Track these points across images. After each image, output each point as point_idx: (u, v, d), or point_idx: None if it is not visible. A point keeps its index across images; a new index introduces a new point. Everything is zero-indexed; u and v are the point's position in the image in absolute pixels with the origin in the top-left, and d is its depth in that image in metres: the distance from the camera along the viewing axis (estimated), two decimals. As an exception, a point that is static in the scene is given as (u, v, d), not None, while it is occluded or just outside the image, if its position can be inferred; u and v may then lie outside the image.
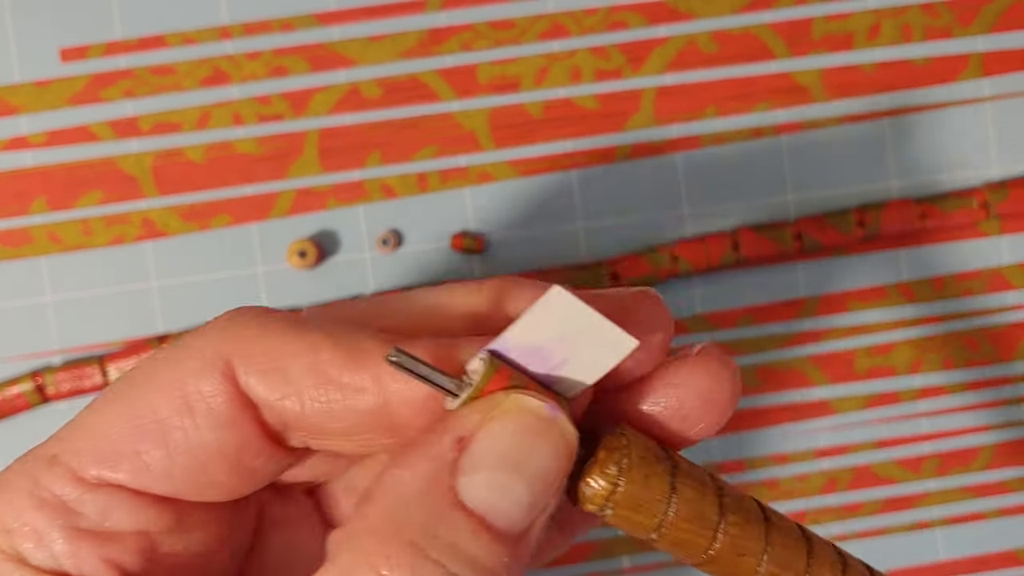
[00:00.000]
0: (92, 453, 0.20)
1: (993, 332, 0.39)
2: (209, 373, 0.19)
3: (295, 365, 0.19)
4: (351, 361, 0.19)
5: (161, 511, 0.20)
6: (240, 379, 0.19)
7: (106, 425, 0.20)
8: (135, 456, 0.19)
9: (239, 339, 0.20)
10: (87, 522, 0.19)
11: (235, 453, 0.20)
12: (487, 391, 0.19)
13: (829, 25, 0.38)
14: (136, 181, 0.37)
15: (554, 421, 0.18)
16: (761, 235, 0.37)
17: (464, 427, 0.18)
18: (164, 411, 0.19)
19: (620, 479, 0.19)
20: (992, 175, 0.39)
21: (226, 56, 0.38)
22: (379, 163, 0.38)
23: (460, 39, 0.38)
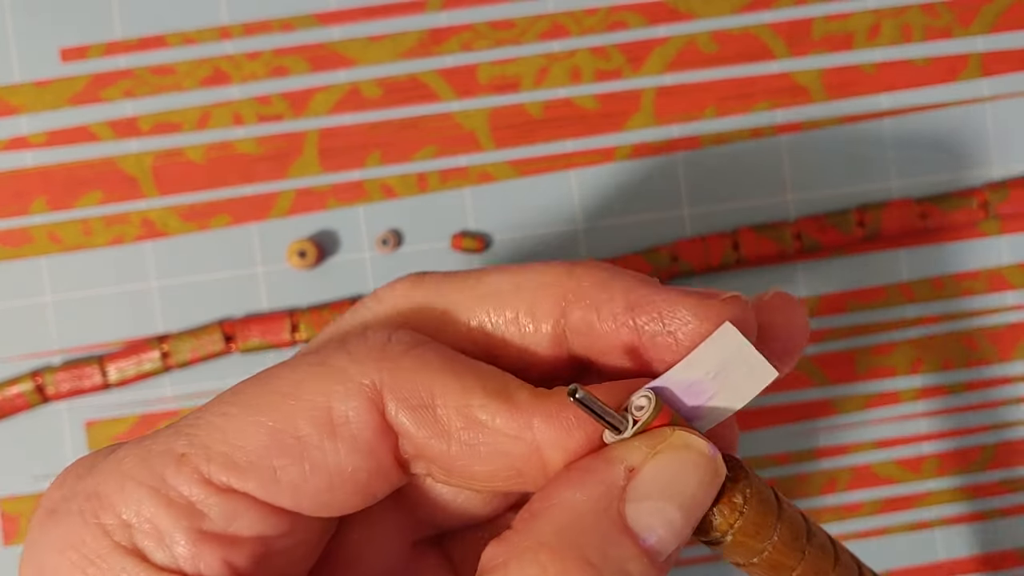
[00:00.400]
0: (224, 459, 0.20)
1: (993, 332, 0.39)
2: (358, 399, 0.20)
3: (447, 405, 0.20)
4: (504, 406, 0.20)
5: (280, 520, 0.20)
6: (389, 411, 0.20)
7: (242, 433, 0.20)
8: (269, 470, 0.20)
9: (393, 370, 0.20)
10: (211, 525, 0.20)
11: (366, 478, 0.20)
12: (651, 427, 0.20)
13: (829, 25, 0.38)
14: (136, 181, 0.37)
15: (713, 459, 0.20)
16: (761, 235, 0.37)
17: (633, 458, 0.19)
18: (306, 429, 0.20)
19: (744, 508, 0.21)
20: (992, 175, 0.39)
21: (226, 56, 0.38)
22: (379, 163, 0.38)
23: (460, 39, 0.38)
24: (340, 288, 0.38)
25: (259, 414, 0.20)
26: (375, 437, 0.20)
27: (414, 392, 0.20)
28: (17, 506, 0.37)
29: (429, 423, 0.20)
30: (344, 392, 0.20)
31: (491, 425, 0.20)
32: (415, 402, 0.20)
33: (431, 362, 0.20)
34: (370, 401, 0.20)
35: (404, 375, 0.20)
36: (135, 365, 0.36)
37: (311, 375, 0.20)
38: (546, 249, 0.38)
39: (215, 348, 0.37)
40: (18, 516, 0.37)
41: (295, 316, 0.37)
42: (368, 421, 0.20)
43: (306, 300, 0.37)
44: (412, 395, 0.20)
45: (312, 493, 0.20)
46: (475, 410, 0.20)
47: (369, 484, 0.20)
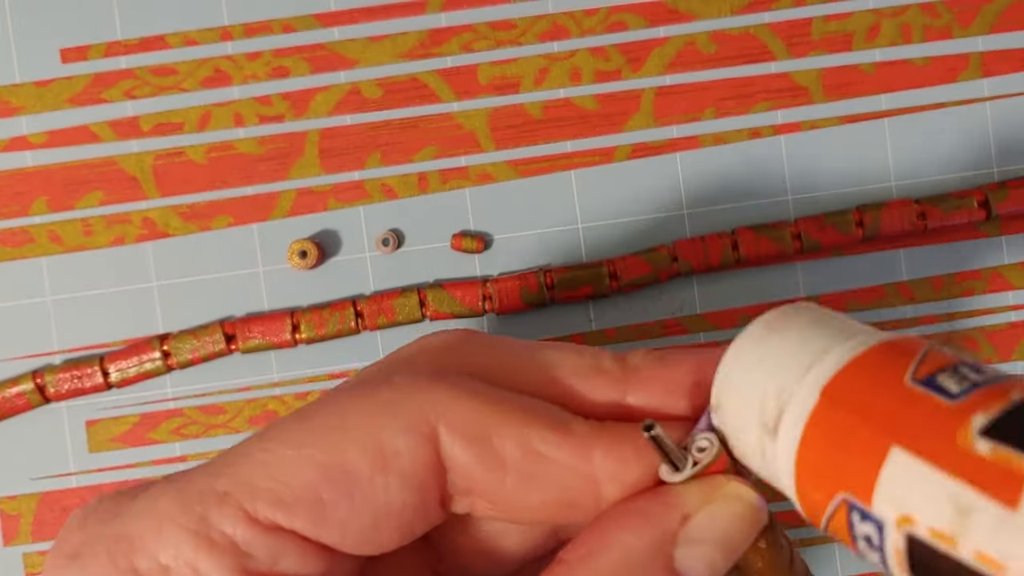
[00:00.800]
0: (270, 496, 0.19)
1: (993, 332, 0.39)
2: (411, 434, 0.19)
3: (504, 436, 0.19)
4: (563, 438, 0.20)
5: (322, 558, 0.20)
6: (443, 445, 0.19)
7: (289, 468, 0.19)
8: (318, 505, 0.19)
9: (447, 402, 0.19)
10: (257, 565, 0.19)
11: (411, 515, 0.20)
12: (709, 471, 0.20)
13: (828, 25, 0.38)
14: (137, 181, 0.37)
15: (761, 511, 0.20)
16: (761, 235, 0.37)
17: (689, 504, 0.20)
18: (356, 463, 0.19)
19: (766, 552, 0.21)
20: (992, 175, 0.39)
21: (227, 56, 0.38)
22: (379, 163, 0.38)
23: (460, 40, 0.38)
24: (341, 288, 0.38)
25: (305, 448, 0.19)
26: (427, 472, 0.19)
27: (469, 424, 0.19)
28: (17, 506, 0.37)
29: (484, 455, 0.19)
30: (396, 426, 0.19)
31: (550, 456, 0.19)
32: (471, 434, 0.19)
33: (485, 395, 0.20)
34: (425, 436, 0.19)
35: (458, 407, 0.19)
36: (136, 365, 0.37)
37: (358, 408, 0.19)
38: (546, 249, 0.38)
39: (216, 348, 0.37)
40: (18, 516, 0.37)
41: (296, 316, 0.37)
42: (421, 455, 0.19)
43: (307, 300, 0.37)
44: (467, 427, 0.19)
45: (358, 529, 0.19)
46: (534, 441, 0.19)
47: (413, 521, 0.20)
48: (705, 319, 0.38)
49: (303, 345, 0.37)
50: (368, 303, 0.37)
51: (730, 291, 0.38)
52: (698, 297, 0.38)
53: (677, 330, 0.38)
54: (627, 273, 0.37)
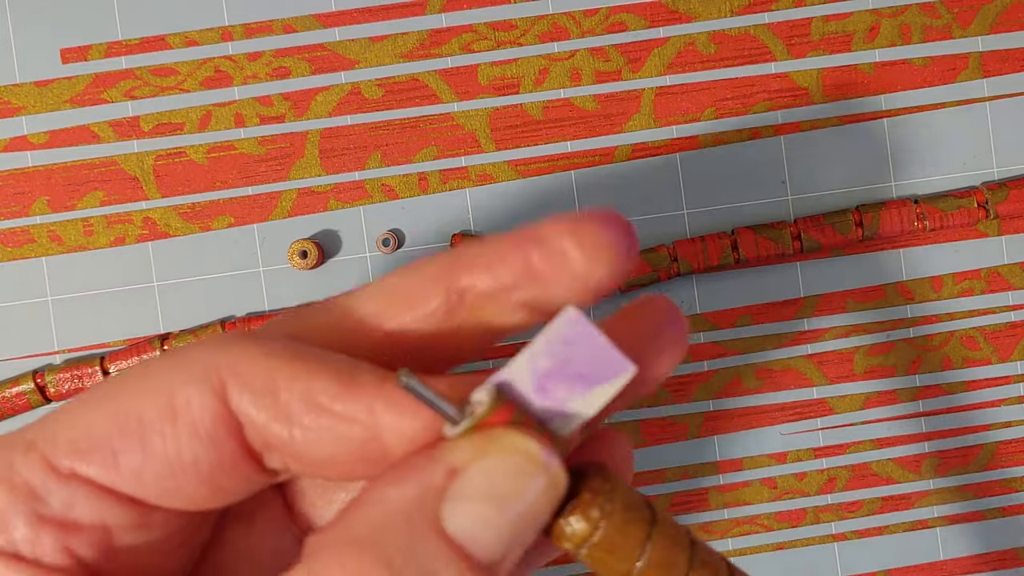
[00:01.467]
0: (68, 444, 0.20)
1: (993, 332, 0.39)
2: (200, 385, 0.19)
3: (288, 390, 0.19)
4: (345, 390, 0.19)
5: (125, 509, 0.20)
6: (231, 397, 0.19)
7: (88, 419, 0.20)
8: (110, 454, 0.19)
9: (237, 357, 0.20)
10: (49, 510, 0.20)
11: (208, 468, 0.20)
12: (488, 423, 0.19)
13: (828, 26, 0.38)
14: (137, 181, 0.37)
15: (547, 466, 0.19)
16: (760, 235, 0.37)
17: (457, 458, 0.19)
18: (148, 414, 0.19)
19: (601, 522, 0.20)
20: (992, 175, 0.39)
21: (227, 57, 0.38)
22: (380, 164, 0.38)
23: (460, 40, 0.38)
24: (341, 288, 0.38)
25: (106, 401, 0.20)
26: (216, 424, 0.19)
27: (257, 377, 0.19)
28: (19, 505, 0.37)
29: (270, 407, 0.19)
30: (187, 378, 0.19)
31: (330, 408, 0.19)
32: (258, 388, 0.19)
33: (279, 352, 0.20)
34: (212, 389, 0.19)
35: (248, 362, 0.19)
36: (136, 365, 0.37)
37: (161, 364, 0.20)
38: (546, 249, 0.38)
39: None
40: (20, 515, 0.37)
41: (296, 316, 0.37)
42: (208, 407, 0.19)
43: (307, 300, 0.38)
44: (255, 380, 0.19)
45: (154, 480, 0.20)
46: (316, 394, 0.19)
47: (214, 475, 0.20)
48: (705, 319, 0.38)
49: (303, 345, 0.37)
50: (368, 303, 0.37)
51: (730, 291, 0.38)
52: (698, 297, 0.38)
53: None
54: (627, 273, 0.37)
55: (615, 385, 0.19)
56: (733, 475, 0.38)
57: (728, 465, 0.38)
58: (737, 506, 0.38)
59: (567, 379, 0.19)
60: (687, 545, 0.21)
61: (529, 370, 0.19)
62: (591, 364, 0.19)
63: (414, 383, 0.18)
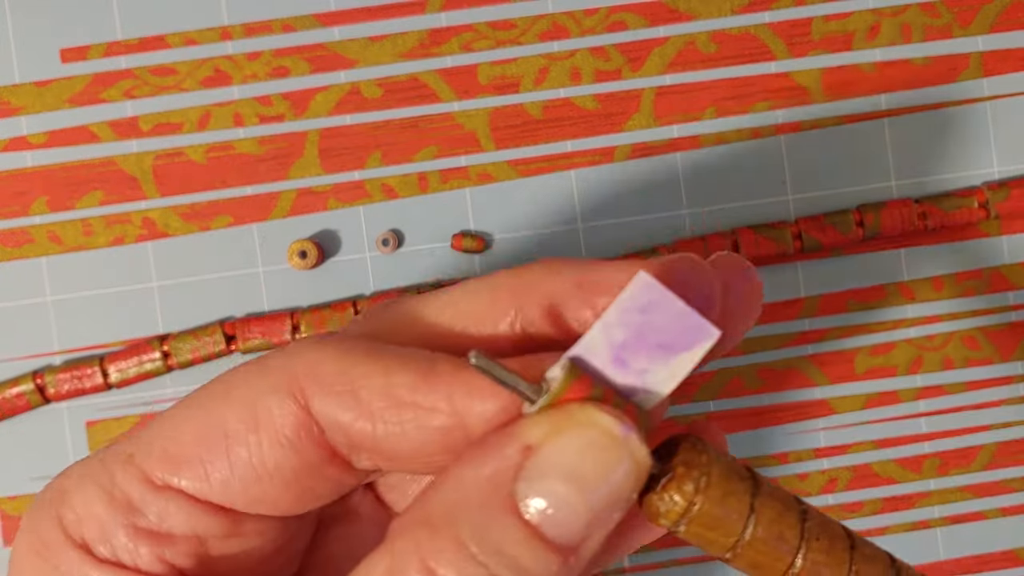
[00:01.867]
0: (161, 457, 0.20)
1: (993, 332, 0.39)
2: (280, 393, 0.20)
3: (367, 387, 0.19)
4: (423, 381, 0.19)
5: (217, 518, 0.20)
6: (312, 403, 0.20)
7: (177, 431, 0.20)
8: (199, 464, 0.20)
9: (314, 362, 0.20)
10: (146, 522, 0.20)
11: (293, 474, 0.20)
12: (565, 399, 0.18)
13: (828, 25, 0.38)
14: (137, 181, 0.37)
15: (626, 441, 0.18)
16: (761, 235, 0.37)
17: (533, 435, 0.18)
18: (232, 425, 0.20)
19: (697, 497, 0.19)
20: (992, 175, 0.39)
21: (227, 56, 0.38)
22: (379, 163, 0.38)
23: (460, 40, 0.38)
24: (341, 288, 0.38)
25: (193, 412, 0.20)
26: (298, 431, 0.20)
27: (336, 379, 0.20)
28: (17, 506, 0.37)
29: (351, 406, 0.19)
30: (267, 387, 0.20)
31: (411, 400, 0.19)
32: (337, 388, 0.19)
33: (354, 350, 0.20)
34: (292, 395, 0.20)
35: (324, 365, 0.20)
36: (136, 365, 0.37)
37: (244, 374, 0.20)
38: (546, 249, 0.38)
39: (216, 348, 0.37)
40: (18, 516, 0.37)
41: (296, 316, 0.37)
42: (290, 414, 0.20)
43: (307, 300, 0.37)
44: (334, 382, 0.19)
45: (241, 488, 0.20)
46: (396, 388, 0.19)
47: (299, 480, 0.20)
48: (705, 319, 0.38)
49: (303, 345, 0.37)
50: (368, 303, 0.37)
51: (730, 291, 0.38)
52: (698, 297, 0.38)
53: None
54: (627, 273, 0.37)
55: (698, 352, 0.18)
56: (733, 475, 0.38)
57: (728, 465, 0.38)
58: (737, 506, 0.38)
59: (646, 349, 0.18)
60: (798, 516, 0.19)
61: (605, 343, 0.18)
62: (670, 331, 0.18)
63: (485, 363, 0.18)
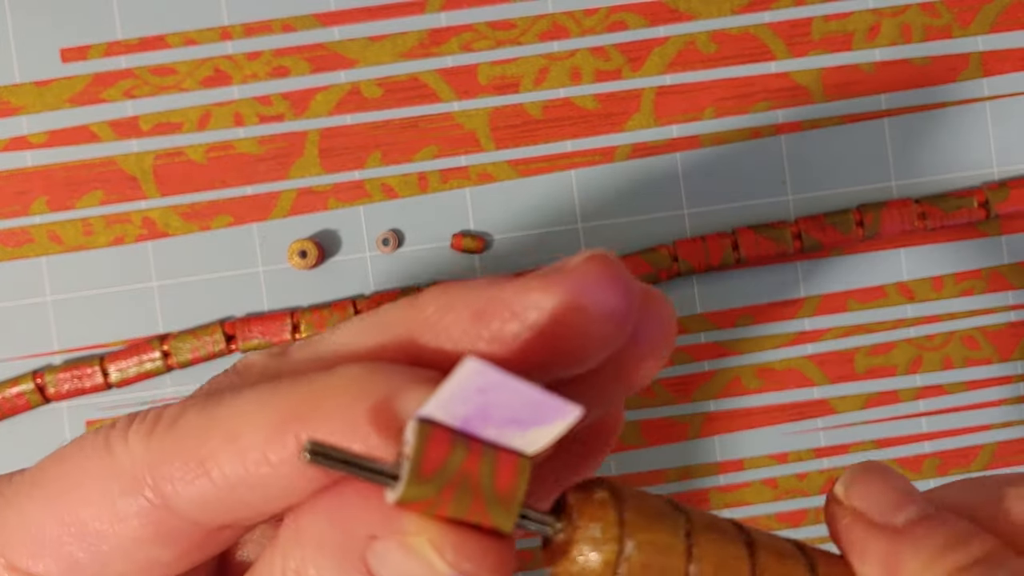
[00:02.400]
0: (24, 551, 0.20)
1: (993, 332, 0.39)
2: (134, 495, 0.19)
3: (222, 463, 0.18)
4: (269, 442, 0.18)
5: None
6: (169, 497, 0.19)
7: (40, 524, 0.20)
8: (69, 558, 0.19)
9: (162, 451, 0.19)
10: None
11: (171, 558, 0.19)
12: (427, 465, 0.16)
13: (828, 25, 0.38)
14: (137, 181, 0.37)
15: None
16: (761, 235, 0.37)
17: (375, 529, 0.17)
18: (94, 524, 0.19)
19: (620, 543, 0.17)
20: (992, 175, 0.39)
21: (227, 56, 0.38)
22: (379, 163, 0.38)
23: (460, 40, 0.38)
24: (341, 288, 0.38)
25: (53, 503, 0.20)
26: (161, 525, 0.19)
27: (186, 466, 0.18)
28: (18, 506, 0.37)
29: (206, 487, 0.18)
30: (120, 489, 0.19)
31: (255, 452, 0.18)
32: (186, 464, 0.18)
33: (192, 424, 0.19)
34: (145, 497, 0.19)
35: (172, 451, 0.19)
36: (136, 365, 0.37)
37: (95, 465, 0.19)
38: (546, 249, 0.38)
39: (216, 348, 0.37)
40: (19, 516, 0.37)
41: (296, 316, 0.37)
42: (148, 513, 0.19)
43: (307, 300, 0.37)
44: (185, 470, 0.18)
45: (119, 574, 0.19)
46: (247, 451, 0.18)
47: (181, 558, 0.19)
48: (705, 319, 0.38)
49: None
50: (368, 303, 0.37)
51: (730, 291, 0.38)
52: (698, 297, 0.38)
53: (677, 330, 0.38)
54: (627, 273, 0.37)
55: (557, 427, 0.16)
56: (734, 475, 0.38)
57: (729, 466, 0.38)
58: (738, 507, 0.38)
59: (494, 424, 0.16)
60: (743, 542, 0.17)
61: (447, 415, 0.16)
62: (520, 409, 0.16)
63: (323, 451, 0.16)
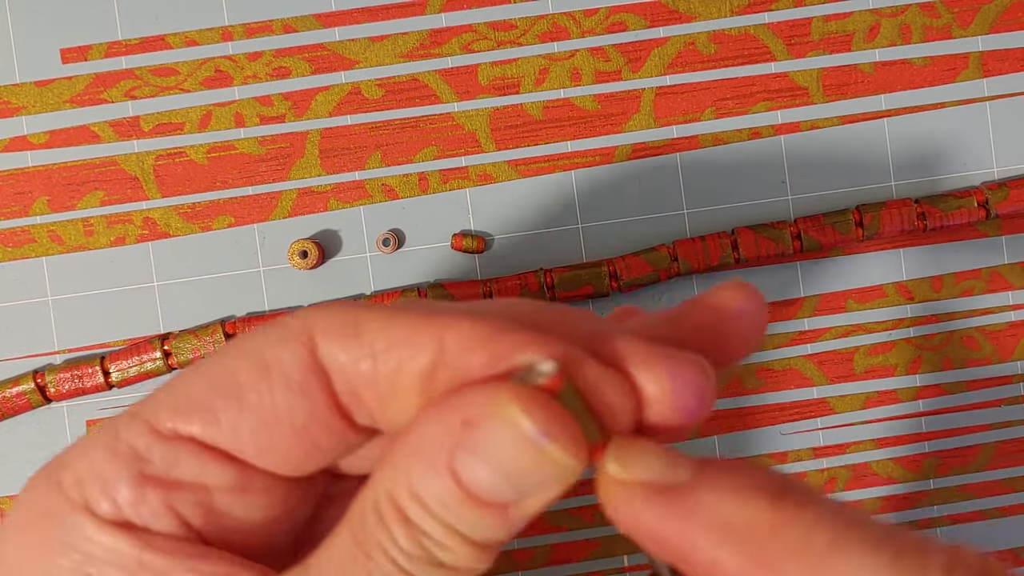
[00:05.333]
0: (169, 407, 0.21)
1: (993, 332, 0.39)
2: (290, 342, 0.20)
3: (370, 331, 0.20)
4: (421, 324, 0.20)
5: (225, 467, 0.21)
6: (319, 347, 0.20)
7: (188, 385, 0.21)
8: (208, 411, 0.20)
9: (323, 315, 0.21)
10: (153, 469, 0.20)
11: (302, 421, 0.20)
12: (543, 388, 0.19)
13: (828, 26, 0.38)
14: (137, 181, 0.37)
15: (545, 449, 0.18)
16: (761, 235, 0.37)
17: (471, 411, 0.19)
18: (242, 374, 0.20)
19: None
20: (991, 175, 0.39)
21: (227, 57, 0.38)
22: (380, 163, 0.38)
23: (460, 40, 0.38)
24: (341, 288, 0.38)
25: (204, 367, 0.21)
26: (306, 376, 0.20)
27: (341, 326, 0.20)
28: (19, 505, 0.37)
29: (355, 348, 0.20)
30: (280, 338, 0.21)
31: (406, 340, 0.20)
32: (342, 333, 0.20)
33: (362, 304, 0.21)
34: (302, 344, 0.20)
35: (336, 316, 0.21)
36: (137, 365, 0.37)
37: (256, 332, 0.21)
38: (546, 249, 0.38)
39: (217, 348, 0.37)
40: (20, 515, 0.37)
41: (296, 316, 0.37)
42: (299, 360, 0.20)
43: (307, 300, 0.38)
44: (340, 328, 0.20)
45: (250, 435, 0.20)
46: (395, 329, 0.20)
47: (307, 428, 0.21)
48: (705, 319, 0.38)
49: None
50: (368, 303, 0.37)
51: (730, 291, 0.38)
52: (698, 297, 0.38)
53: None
54: (627, 273, 0.37)
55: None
56: (733, 475, 0.38)
57: (728, 465, 0.38)
58: (737, 506, 0.38)
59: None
60: None
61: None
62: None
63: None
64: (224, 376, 0.21)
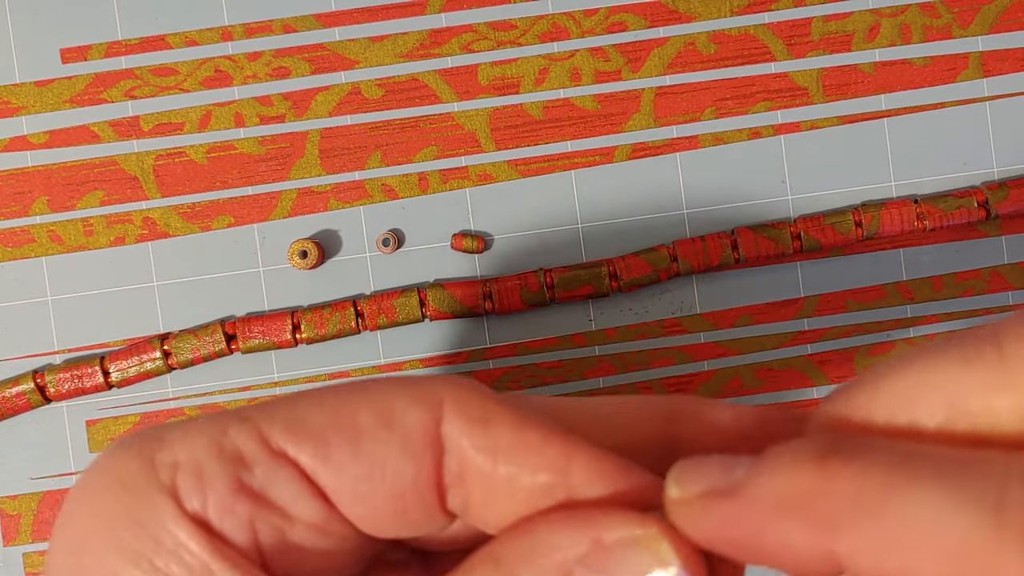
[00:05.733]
0: (283, 423, 0.20)
1: (993, 332, 0.39)
2: (420, 404, 0.20)
3: (501, 424, 0.20)
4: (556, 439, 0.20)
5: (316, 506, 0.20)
6: (445, 420, 0.20)
7: (308, 410, 0.21)
8: (322, 443, 0.20)
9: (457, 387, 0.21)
10: (252, 480, 0.20)
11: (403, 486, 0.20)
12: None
13: (828, 26, 0.38)
14: (137, 181, 0.37)
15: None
16: (760, 235, 0.37)
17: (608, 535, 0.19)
18: (365, 417, 0.20)
19: None
20: (991, 175, 0.39)
21: (227, 57, 0.38)
22: (380, 163, 0.38)
23: (460, 40, 0.38)
24: (341, 288, 0.38)
25: (327, 398, 0.21)
26: (426, 440, 0.20)
27: (472, 407, 0.20)
28: (17, 506, 0.37)
29: (481, 436, 0.20)
30: (408, 395, 0.20)
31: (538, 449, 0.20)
32: (471, 415, 0.20)
33: (496, 395, 0.21)
34: (431, 409, 0.20)
35: (467, 394, 0.20)
36: (136, 365, 0.37)
37: (386, 380, 0.21)
38: (546, 249, 0.38)
39: (216, 348, 0.37)
40: (18, 516, 0.37)
41: (296, 316, 0.37)
42: (423, 424, 0.20)
43: (307, 300, 0.38)
44: (470, 409, 0.20)
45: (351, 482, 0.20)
46: (527, 433, 0.20)
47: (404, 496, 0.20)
48: (705, 319, 0.38)
49: (304, 345, 0.37)
50: (369, 303, 0.37)
51: (730, 291, 0.38)
52: (698, 297, 0.38)
53: (677, 330, 0.38)
54: (627, 273, 0.37)
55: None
56: (733, 475, 0.38)
57: (728, 465, 0.38)
58: (737, 506, 0.38)
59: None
60: None
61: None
62: None
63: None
64: (346, 414, 0.20)
